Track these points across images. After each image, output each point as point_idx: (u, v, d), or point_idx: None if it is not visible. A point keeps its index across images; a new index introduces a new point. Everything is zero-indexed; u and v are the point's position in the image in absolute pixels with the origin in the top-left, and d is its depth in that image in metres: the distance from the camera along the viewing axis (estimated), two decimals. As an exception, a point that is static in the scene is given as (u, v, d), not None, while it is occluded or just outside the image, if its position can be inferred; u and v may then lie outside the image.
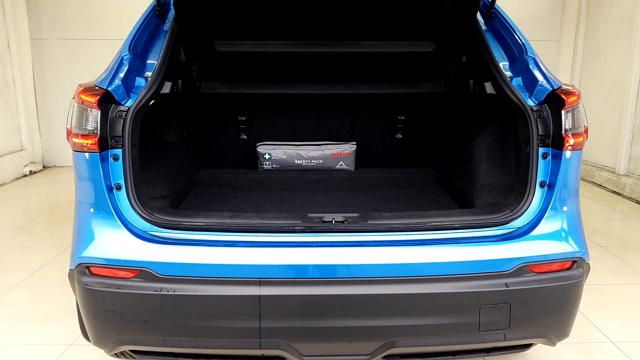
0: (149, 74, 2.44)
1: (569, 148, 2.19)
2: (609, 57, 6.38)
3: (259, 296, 2.01)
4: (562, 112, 2.20)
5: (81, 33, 6.96)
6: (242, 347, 2.12)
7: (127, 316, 2.04)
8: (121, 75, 2.24)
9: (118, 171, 2.17)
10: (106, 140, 2.15)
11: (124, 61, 2.32)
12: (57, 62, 7.08)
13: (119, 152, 2.16)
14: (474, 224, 2.18)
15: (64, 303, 3.22)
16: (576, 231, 2.22)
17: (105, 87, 2.15)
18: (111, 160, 2.16)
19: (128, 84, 2.28)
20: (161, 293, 2.01)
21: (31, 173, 6.97)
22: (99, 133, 2.12)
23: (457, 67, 3.28)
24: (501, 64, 2.59)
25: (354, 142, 3.68)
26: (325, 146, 3.61)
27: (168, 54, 2.61)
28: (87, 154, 2.12)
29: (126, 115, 2.18)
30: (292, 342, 2.08)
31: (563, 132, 2.19)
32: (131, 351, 2.23)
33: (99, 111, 2.12)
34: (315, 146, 3.61)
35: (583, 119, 2.27)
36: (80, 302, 2.13)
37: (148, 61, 2.54)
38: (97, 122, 2.12)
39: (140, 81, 2.38)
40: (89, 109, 2.12)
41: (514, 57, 2.58)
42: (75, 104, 2.17)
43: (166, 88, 2.56)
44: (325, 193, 3.37)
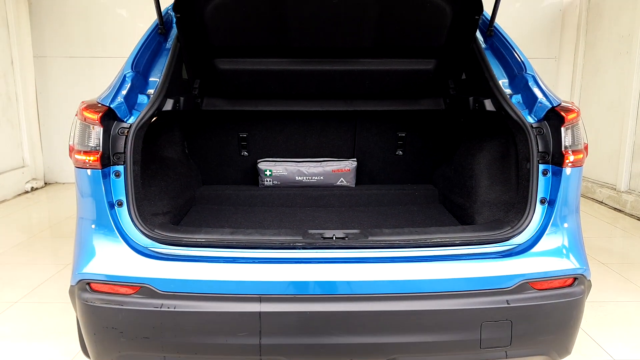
0: (152, 91, 2.47)
1: (569, 165, 2.20)
2: (609, 75, 6.42)
3: (260, 313, 2.00)
4: (562, 129, 2.22)
5: (84, 50, 7.03)
6: (243, 365, 2.11)
7: (128, 332, 2.04)
8: (124, 92, 2.27)
9: (119, 187, 2.18)
10: (108, 156, 2.16)
11: (127, 79, 2.35)
12: (60, 79, 7.14)
13: (121, 169, 2.18)
14: (475, 241, 2.18)
15: (65, 320, 3.20)
16: (577, 248, 2.22)
17: (107, 104, 2.17)
18: (113, 176, 2.18)
19: (130, 101, 2.30)
20: (161, 309, 2.01)
21: (32, 189, 6.98)
22: (101, 149, 2.13)
23: (457, 85, 3.31)
24: (501, 82, 2.62)
25: (355, 159, 3.69)
26: (325, 163, 3.63)
27: (170, 72, 2.64)
28: (89, 171, 2.14)
29: (128, 132, 2.20)
30: (293, 360, 2.07)
31: (563, 149, 2.21)
32: (131, 368, 2.22)
33: (102, 128, 2.14)
34: (315, 163, 3.62)
35: (583, 136, 2.28)
36: (80, 319, 2.12)
37: (150, 79, 2.57)
38: (100, 139, 2.14)
39: (142, 98, 2.40)
40: (92, 126, 2.14)
41: (514, 75, 2.61)
42: (78, 121, 2.19)
43: (168, 105, 2.58)
44: (325, 209, 3.37)
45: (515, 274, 2.09)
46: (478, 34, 2.98)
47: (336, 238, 2.15)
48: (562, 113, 2.22)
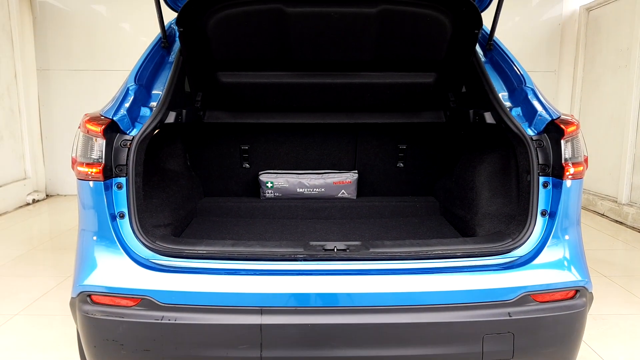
0: (154, 104, 2.48)
1: (569, 177, 2.21)
2: (608, 88, 6.45)
3: (260, 325, 2.00)
4: (562, 142, 2.23)
5: (87, 64, 7.09)
6: (243, 377, 2.10)
7: (128, 345, 2.03)
8: (126, 105, 2.28)
9: (122, 199, 2.18)
10: (110, 168, 2.17)
11: (130, 91, 2.37)
12: (63, 93, 7.18)
13: (123, 181, 2.18)
14: (476, 253, 2.18)
15: (65, 332, 3.19)
16: (578, 260, 2.22)
17: (110, 117, 2.18)
18: (115, 188, 2.18)
19: (133, 114, 2.32)
20: (162, 322, 2.00)
21: (34, 201, 6.99)
22: (104, 162, 2.15)
23: (457, 98, 3.33)
24: (500, 95, 2.63)
25: (356, 171, 3.70)
26: (327, 175, 3.64)
27: (173, 85, 2.66)
28: (92, 182, 2.14)
29: (131, 144, 2.21)
30: (294, 373, 2.06)
31: (563, 162, 2.21)
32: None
33: (104, 140, 2.15)
34: (317, 175, 3.63)
35: (583, 149, 2.29)
36: (80, 331, 2.12)
37: (153, 91, 2.59)
38: (102, 151, 2.15)
39: (145, 111, 2.42)
40: (95, 138, 2.16)
41: (513, 88, 2.63)
42: (80, 133, 2.21)
43: (170, 118, 2.60)
44: (327, 221, 3.38)
45: (516, 286, 2.09)
46: (478, 48, 3.01)
47: (337, 250, 2.15)
48: (562, 126, 2.24)
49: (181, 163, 3.38)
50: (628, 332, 3.30)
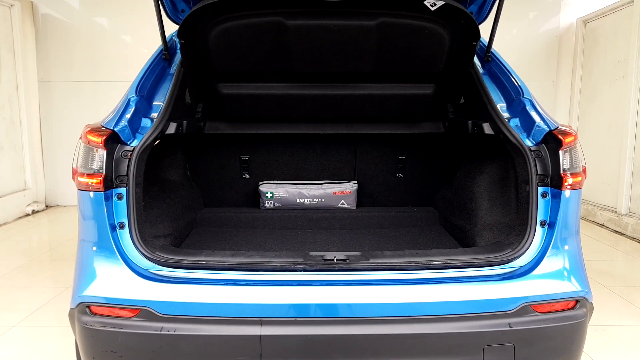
0: (155, 115, 2.50)
1: (568, 187, 2.22)
2: (606, 99, 6.49)
3: (260, 336, 1.99)
4: (560, 152, 2.24)
5: (88, 75, 7.12)
6: (243, 389, 2.09)
7: (127, 356, 2.02)
8: (127, 116, 2.30)
9: (122, 210, 2.19)
10: (111, 179, 2.18)
11: (131, 103, 2.38)
12: (64, 104, 7.21)
13: (123, 191, 2.19)
14: (476, 263, 2.18)
15: (64, 344, 3.18)
16: (578, 270, 2.22)
17: (111, 128, 2.20)
18: (115, 199, 2.19)
19: (134, 125, 2.33)
20: (161, 333, 2.00)
21: (34, 212, 6.98)
22: (105, 172, 2.15)
23: (456, 109, 3.35)
24: (499, 106, 2.65)
25: (355, 181, 3.71)
26: (326, 185, 3.64)
27: (174, 96, 2.68)
28: (92, 193, 2.15)
29: (131, 155, 2.22)
30: (293, 384, 2.05)
31: (561, 172, 2.22)
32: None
33: (105, 151, 2.16)
34: (317, 185, 3.64)
35: (581, 159, 2.30)
36: (79, 342, 2.11)
37: (154, 103, 2.60)
38: (103, 162, 2.16)
39: (146, 122, 2.43)
40: (95, 149, 2.17)
41: (511, 99, 2.64)
42: (81, 144, 2.22)
43: (171, 129, 2.61)
44: (326, 232, 3.38)
45: (516, 297, 2.09)
46: (476, 60, 3.03)
47: (337, 260, 2.15)
48: (560, 136, 2.25)
49: (181, 174, 3.39)
50: (629, 343, 3.29)
